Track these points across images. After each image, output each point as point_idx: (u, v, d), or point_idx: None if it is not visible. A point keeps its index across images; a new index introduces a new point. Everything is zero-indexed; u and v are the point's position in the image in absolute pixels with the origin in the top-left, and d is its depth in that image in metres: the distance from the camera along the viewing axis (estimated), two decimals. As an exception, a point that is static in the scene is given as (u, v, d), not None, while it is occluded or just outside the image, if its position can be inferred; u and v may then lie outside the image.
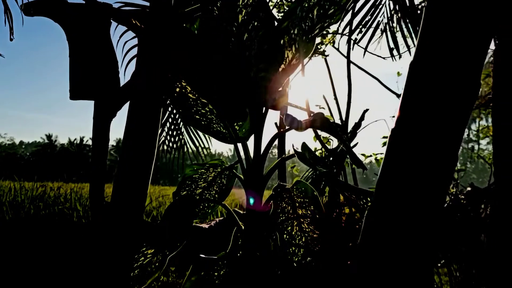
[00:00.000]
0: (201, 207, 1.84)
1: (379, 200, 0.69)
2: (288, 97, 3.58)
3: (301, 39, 1.49)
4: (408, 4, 3.41)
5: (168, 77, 1.36)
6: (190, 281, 1.26)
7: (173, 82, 1.38)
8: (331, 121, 2.64)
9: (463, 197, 4.49)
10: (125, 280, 1.33)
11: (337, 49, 4.38)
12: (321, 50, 4.08)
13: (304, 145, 1.52)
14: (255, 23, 1.43)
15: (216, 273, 1.30)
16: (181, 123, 3.88)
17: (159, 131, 3.99)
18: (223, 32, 1.40)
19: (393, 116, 4.69)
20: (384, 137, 4.57)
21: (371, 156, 3.86)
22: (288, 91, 3.72)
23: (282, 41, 1.48)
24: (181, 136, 3.93)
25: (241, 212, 2.10)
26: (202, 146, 4.00)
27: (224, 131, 1.49)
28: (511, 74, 2.72)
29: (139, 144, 1.27)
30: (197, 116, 1.46)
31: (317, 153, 3.83)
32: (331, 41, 4.33)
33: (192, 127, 3.86)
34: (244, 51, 1.44)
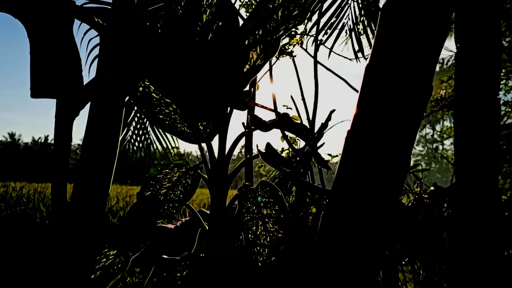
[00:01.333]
0: (165, 207, 1.83)
1: (334, 199, 0.70)
2: (256, 98, 3.59)
3: (265, 39, 1.50)
4: (372, 8, 3.48)
5: (131, 76, 1.34)
6: (152, 282, 1.25)
7: (136, 81, 1.36)
8: (297, 121, 2.67)
9: (426, 196, 4.61)
10: (86, 282, 1.31)
11: (305, 50, 4.41)
12: (289, 50, 4.11)
13: (268, 146, 1.53)
14: (220, 23, 1.43)
15: (178, 274, 1.29)
16: (147, 123, 3.84)
17: (125, 131, 3.94)
18: (187, 31, 1.40)
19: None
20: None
21: (337, 156, 3.91)
22: (256, 92, 3.73)
23: (246, 42, 1.49)
24: (147, 136, 3.88)
25: (208, 212, 2.09)
26: (169, 145, 3.96)
27: (188, 131, 1.49)
28: (470, 77, 2.82)
29: (100, 143, 1.25)
30: (161, 116, 1.45)
31: (284, 153, 3.86)
32: (299, 42, 4.36)
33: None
34: (208, 51, 1.43)
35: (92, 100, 1.41)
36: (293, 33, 4.32)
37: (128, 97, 1.48)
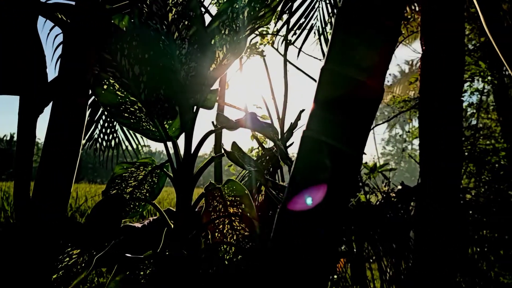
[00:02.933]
0: (131, 206, 1.82)
1: (286, 198, 0.72)
2: (225, 97, 3.60)
3: (232, 39, 1.51)
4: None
5: (95, 74, 1.33)
6: (115, 281, 1.24)
7: (100, 79, 1.35)
8: (267, 121, 2.69)
9: (394, 195, 4.71)
10: (46, 282, 1.29)
11: (277, 50, 4.44)
12: (260, 50, 4.13)
13: (234, 144, 1.54)
14: (186, 22, 1.43)
15: (142, 272, 1.29)
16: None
17: (92, 129, 3.89)
18: (152, 30, 1.40)
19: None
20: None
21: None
22: (226, 91, 3.74)
23: (213, 41, 1.49)
24: (115, 134, 3.83)
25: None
26: (138, 144, 3.93)
27: (153, 129, 1.48)
28: (435, 79, 2.89)
29: (61, 141, 1.24)
30: (126, 114, 1.44)
31: (254, 152, 3.88)
32: (270, 41, 4.38)
33: (125, 125, 3.78)
34: (174, 50, 1.44)
35: (54, 97, 1.39)
36: (264, 32, 4.34)
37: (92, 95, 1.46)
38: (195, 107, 1.55)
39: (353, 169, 0.68)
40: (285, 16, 3.79)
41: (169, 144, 1.57)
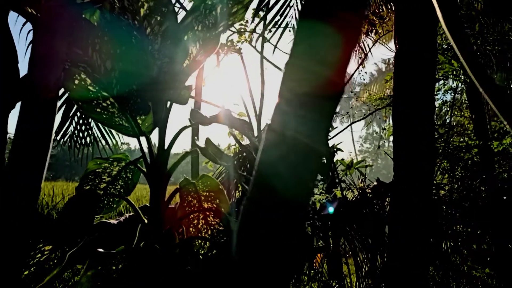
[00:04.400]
0: (106, 202, 1.81)
1: (251, 190, 0.73)
2: (202, 93, 3.60)
3: (205, 35, 1.52)
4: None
5: (66, 69, 1.33)
6: (86, 276, 1.24)
7: (72, 74, 1.34)
8: (243, 117, 2.70)
9: (369, 191, 4.77)
10: (17, 278, 1.28)
11: (254, 47, 4.46)
12: (237, 47, 4.14)
13: (207, 140, 1.55)
14: (158, 18, 1.43)
15: (114, 267, 1.29)
16: (91, 117, 3.74)
17: (66, 125, 3.84)
18: (124, 25, 1.39)
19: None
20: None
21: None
22: (203, 88, 3.73)
23: (186, 37, 1.50)
24: (91, 131, 3.79)
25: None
26: (113, 140, 3.89)
27: (126, 125, 1.48)
28: (407, 78, 2.95)
29: (30, 136, 1.23)
30: (98, 109, 1.44)
31: (232, 148, 3.89)
32: (248, 39, 4.39)
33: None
34: (146, 45, 1.44)
35: (24, 92, 1.37)
36: (242, 30, 4.35)
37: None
38: (168, 103, 1.56)
39: (315, 162, 0.70)
40: (263, 14, 3.81)
41: (143, 139, 1.57)
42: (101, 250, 1.31)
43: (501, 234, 6.14)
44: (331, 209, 3.39)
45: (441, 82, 5.88)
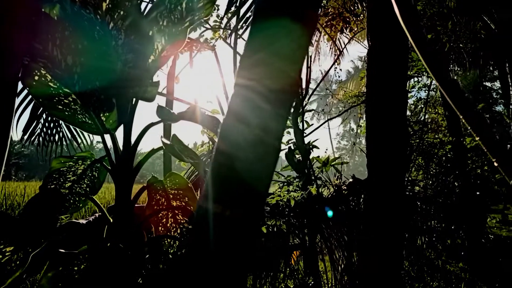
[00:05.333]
0: (72, 201, 1.77)
1: (206, 185, 0.72)
2: (175, 91, 3.56)
3: (170, 31, 1.49)
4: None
5: (25, 65, 1.28)
6: (46, 277, 1.21)
7: (31, 70, 1.30)
8: (214, 115, 2.68)
9: (345, 188, 4.80)
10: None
11: (228, 44, 4.43)
12: (211, 44, 4.10)
13: (173, 137, 1.53)
14: (121, 12, 1.40)
15: (76, 268, 1.26)
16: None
17: (35, 123, 3.75)
18: (86, 19, 1.36)
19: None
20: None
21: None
22: (177, 85, 3.69)
23: (151, 32, 1.47)
24: (59, 129, 3.70)
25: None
26: (84, 138, 3.81)
27: (89, 122, 1.45)
28: (379, 75, 2.97)
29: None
30: (59, 106, 1.40)
31: (205, 146, 3.86)
32: (223, 35, 4.36)
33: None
34: (110, 40, 1.40)
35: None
36: (216, 26, 4.32)
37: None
38: (134, 99, 1.53)
39: (269, 156, 0.69)
40: (234, 10, 3.78)
41: (108, 137, 1.54)
42: (62, 250, 1.28)
43: (475, 228, 6.26)
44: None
45: (416, 79, 5.95)
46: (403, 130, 3.03)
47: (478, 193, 6.66)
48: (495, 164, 0.73)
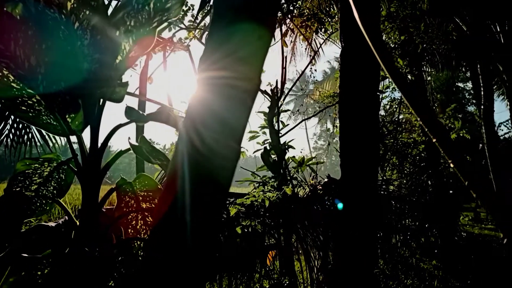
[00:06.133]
0: (38, 204, 1.73)
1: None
2: (148, 91, 3.52)
3: (138, 31, 1.47)
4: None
5: (-14, 64, 1.25)
6: (8, 282, 1.18)
7: (-8, 70, 1.27)
8: (182, 115, 2.66)
9: (320, 187, 4.82)
10: None
11: (203, 44, 4.40)
12: (185, 44, 4.08)
13: (142, 139, 1.51)
14: (87, 12, 1.38)
15: (39, 272, 1.23)
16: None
17: (2, 125, 3.66)
18: (50, 19, 1.33)
19: (259, 111, 4.85)
20: (250, 131, 4.74)
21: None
22: (151, 85, 3.65)
23: (117, 32, 1.45)
24: (28, 130, 3.62)
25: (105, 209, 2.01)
26: (54, 139, 3.74)
27: (55, 123, 1.42)
28: (351, 76, 3.00)
29: None
30: (23, 107, 1.37)
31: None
32: (198, 36, 4.34)
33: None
34: (75, 40, 1.38)
35: None
36: (191, 26, 4.30)
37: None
38: (101, 100, 1.51)
39: (226, 157, 0.69)
40: (207, 10, 3.77)
41: (75, 139, 1.52)
42: (25, 255, 1.25)
43: (448, 226, 6.39)
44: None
45: (390, 80, 6.04)
46: (375, 130, 3.07)
47: (451, 191, 6.79)
48: (451, 165, 0.74)
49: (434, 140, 0.73)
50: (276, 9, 0.75)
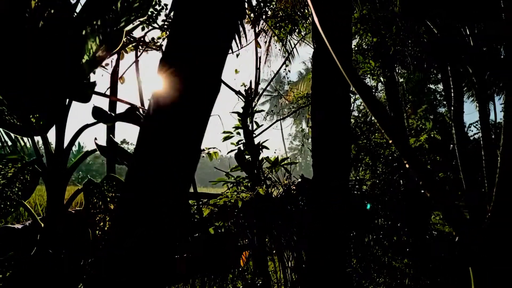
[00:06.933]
0: (2, 206, 1.69)
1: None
2: (119, 91, 3.48)
3: (105, 30, 1.46)
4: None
5: None
6: (-33, 286, 1.15)
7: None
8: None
9: (294, 187, 4.85)
10: None
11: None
12: (158, 44, 4.03)
13: (109, 139, 1.50)
14: (51, 11, 1.36)
15: (1, 275, 1.21)
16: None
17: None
18: (14, 17, 1.31)
19: (233, 112, 4.85)
20: (224, 132, 4.74)
21: (203, 150, 3.95)
22: (122, 85, 3.60)
23: (84, 32, 1.43)
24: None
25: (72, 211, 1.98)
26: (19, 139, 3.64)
27: (18, 123, 1.39)
28: (323, 77, 3.03)
29: None
30: (-16, 107, 1.34)
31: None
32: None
33: None
34: (40, 40, 1.36)
35: None
36: (165, 26, 4.26)
37: None
38: (67, 100, 1.48)
39: (183, 158, 0.69)
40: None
41: (39, 139, 1.49)
42: (-14, 258, 1.22)
43: (419, 225, 6.51)
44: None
45: (366, 80, 6.12)
46: (346, 131, 3.11)
47: (422, 191, 6.91)
48: (407, 166, 0.76)
49: (391, 142, 0.75)
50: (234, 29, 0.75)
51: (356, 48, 5.41)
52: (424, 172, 0.73)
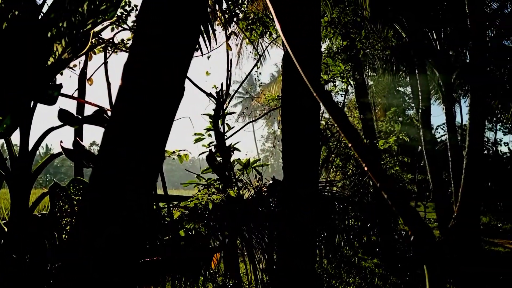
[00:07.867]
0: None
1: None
2: (87, 93, 3.43)
3: (71, 33, 1.45)
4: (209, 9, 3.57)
5: None
6: None
7: None
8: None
9: (265, 189, 4.87)
10: None
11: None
12: (128, 45, 3.99)
13: (75, 142, 1.48)
14: (15, 12, 1.34)
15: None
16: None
17: None
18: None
19: (204, 114, 4.84)
20: (195, 134, 4.72)
21: (174, 152, 3.93)
22: (91, 87, 3.55)
23: (49, 34, 1.42)
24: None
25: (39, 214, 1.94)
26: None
27: (-20, 126, 1.36)
28: (293, 79, 3.06)
29: None
30: None
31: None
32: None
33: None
34: (3, 41, 1.34)
35: None
36: (135, 28, 4.22)
37: None
38: (31, 102, 1.46)
39: (147, 161, 0.70)
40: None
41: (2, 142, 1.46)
42: None
43: (388, 225, 6.64)
44: None
45: (332, 84, 6.21)
46: (316, 133, 3.15)
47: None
48: (365, 168, 0.79)
49: (350, 145, 0.78)
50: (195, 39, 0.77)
51: (326, 52, 5.48)
52: (381, 174, 0.76)
